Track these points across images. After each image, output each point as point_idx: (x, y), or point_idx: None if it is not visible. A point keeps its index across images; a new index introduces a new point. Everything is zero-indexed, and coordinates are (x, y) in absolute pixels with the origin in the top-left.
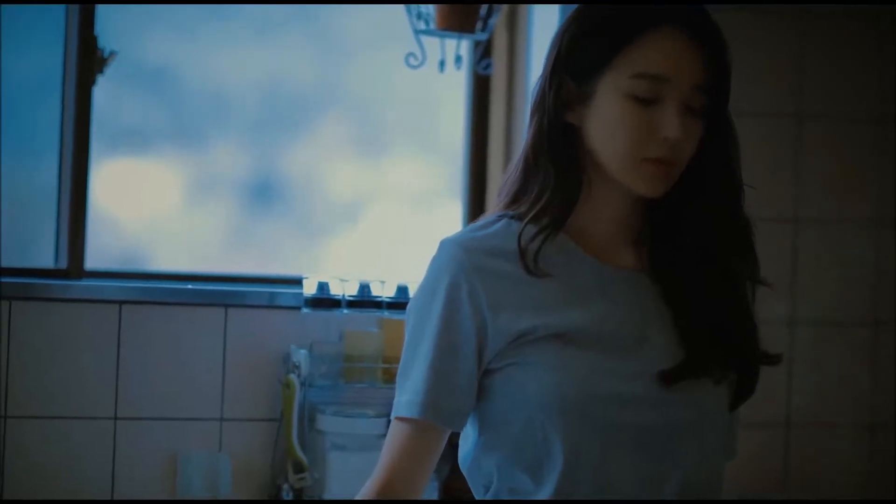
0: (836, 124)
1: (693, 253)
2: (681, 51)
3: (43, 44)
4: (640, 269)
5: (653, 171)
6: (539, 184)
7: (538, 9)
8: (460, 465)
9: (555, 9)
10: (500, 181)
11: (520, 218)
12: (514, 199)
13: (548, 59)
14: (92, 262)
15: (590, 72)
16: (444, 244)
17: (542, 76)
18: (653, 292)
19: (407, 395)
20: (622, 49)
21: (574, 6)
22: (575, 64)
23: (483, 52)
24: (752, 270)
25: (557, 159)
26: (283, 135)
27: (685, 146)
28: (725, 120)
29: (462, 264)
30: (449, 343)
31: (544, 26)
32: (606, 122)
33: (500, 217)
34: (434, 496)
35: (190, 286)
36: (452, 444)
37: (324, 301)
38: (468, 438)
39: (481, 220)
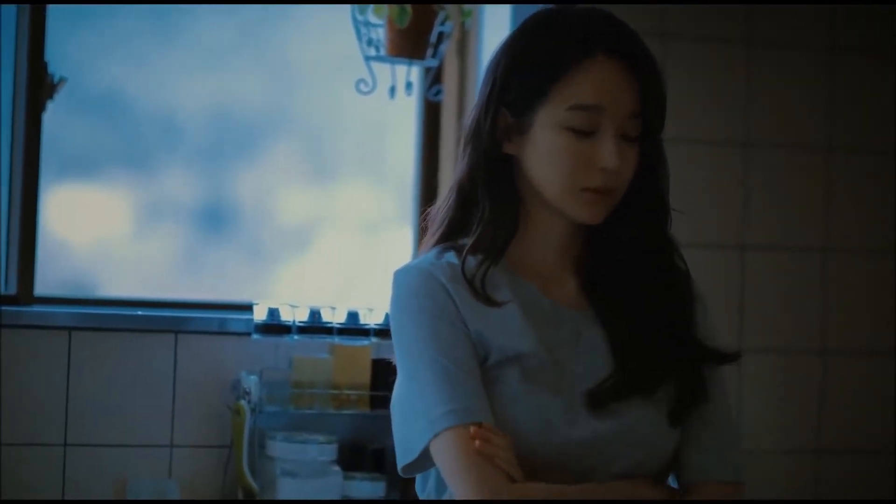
0: (783, 152)
1: (628, 276)
2: (615, 80)
3: None
4: (582, 297)
5: (592, 199)
6: (477, 215)
7: (488, 35)
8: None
9: (505, 36)
10: (433, 212)
11: (461, 250)
12: (451, 231)
13: (482, 90)
14: (41, 288)
15: (526, 104)
16: (407, 271)
17: (476, 107)
18: (592, 320)
19: (444, 407)
20: (557, 81)
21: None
22: (510, 96)
23: (433, 79)
24: (686, 286)
25: (495, 190)
26: (233, 160)
27: (623, 173)
28: (658, 146)
29: (439, 282)
30: (452, 349)
31: None
32: (544, 154)
33: (445, 249)
34: None
35: (140, 312)
36: None
37: (274, 327)
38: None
39: (431, 253)
